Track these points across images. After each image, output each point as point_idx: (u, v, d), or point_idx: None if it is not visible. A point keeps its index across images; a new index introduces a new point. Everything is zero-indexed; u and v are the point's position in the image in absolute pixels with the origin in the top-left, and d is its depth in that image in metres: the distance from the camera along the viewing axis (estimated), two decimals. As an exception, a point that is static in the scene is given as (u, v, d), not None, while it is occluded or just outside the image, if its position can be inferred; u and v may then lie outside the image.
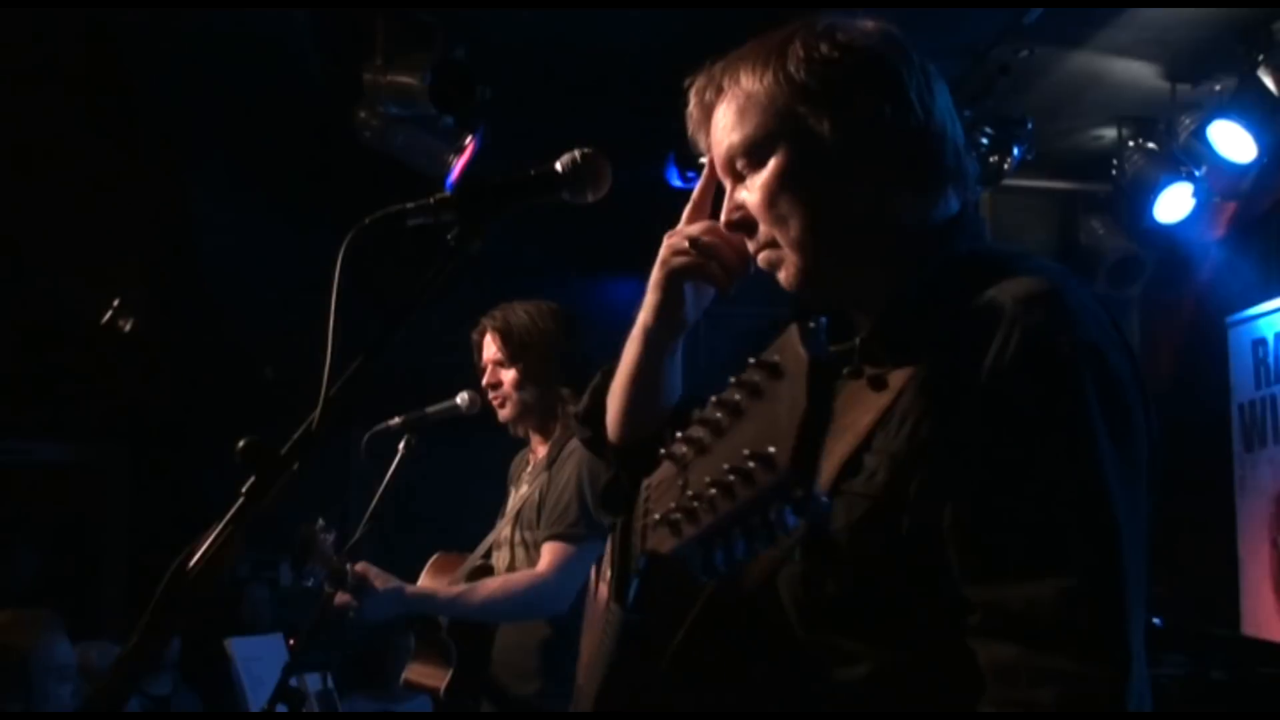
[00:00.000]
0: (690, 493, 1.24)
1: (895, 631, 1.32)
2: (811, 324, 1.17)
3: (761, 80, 1.41)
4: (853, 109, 1.39)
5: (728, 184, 1.48)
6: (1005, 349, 1.28)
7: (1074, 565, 1.23)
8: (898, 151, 1.40)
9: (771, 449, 1.13)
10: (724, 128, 1.44)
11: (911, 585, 1.31)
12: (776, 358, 1.17)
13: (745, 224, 1.46)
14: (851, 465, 1.32)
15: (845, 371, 1.41)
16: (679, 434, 1.28)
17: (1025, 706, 1.21)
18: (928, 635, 1.31)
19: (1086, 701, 1.20)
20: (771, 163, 1.41)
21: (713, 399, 1.24)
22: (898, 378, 1.33)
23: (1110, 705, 1.20)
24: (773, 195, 1.41)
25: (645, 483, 1.43)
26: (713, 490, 1.21)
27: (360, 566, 3.19)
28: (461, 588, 3.30)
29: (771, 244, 1.44)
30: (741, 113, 1.42)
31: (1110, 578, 1.23)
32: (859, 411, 1.34)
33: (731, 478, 1.18)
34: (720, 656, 1.41)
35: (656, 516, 1.30)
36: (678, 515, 1.26)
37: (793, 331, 1.15)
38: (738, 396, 1.20)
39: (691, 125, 1.50)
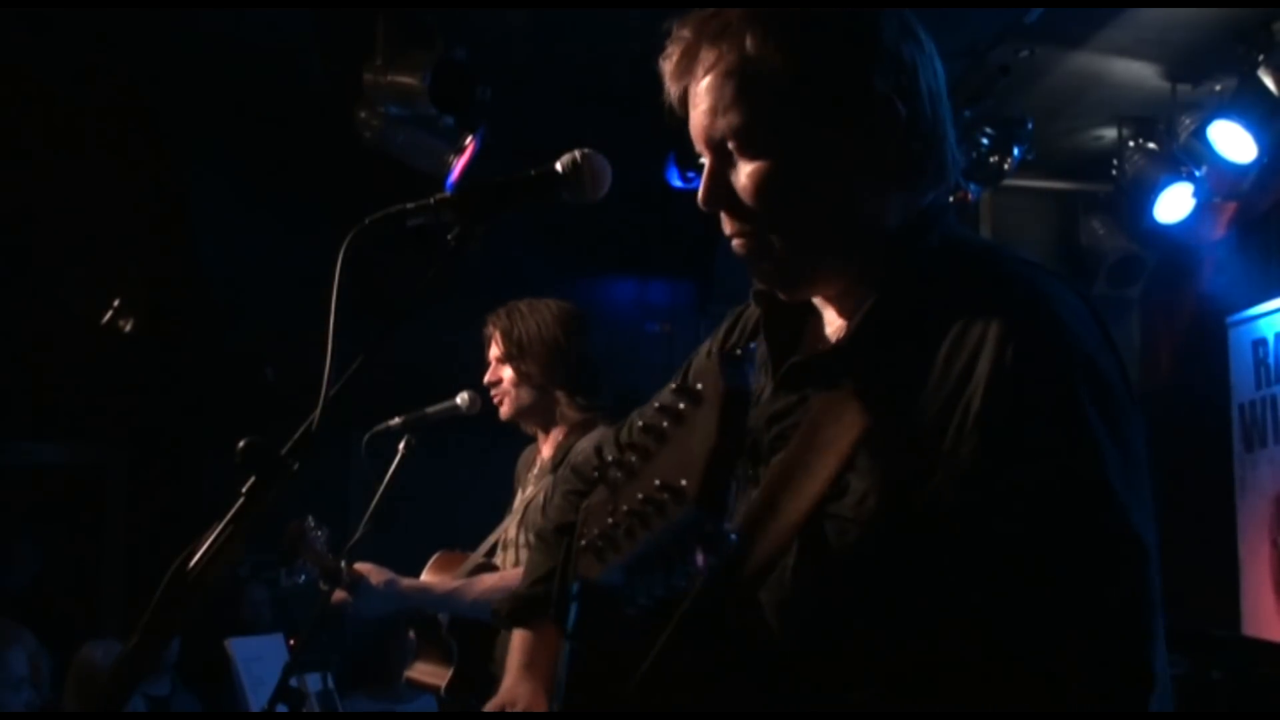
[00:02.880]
0: (612, 520, 1.24)
1: (891, 654, 1.29)
2: (739, 352, 1.17)
3: (761, 63, 1.35)
4: (851, 108, 1.36)
5: (707, 155, 1.42)
6: (1001, 369, 1.25)
7: (1099, 592, 1.21)
8: (895, 154, 1.37)
9: (683, 481, 1.12)
10: (718, 104, 1.37)
11: (908, 608, 1.28)
12: (699, 385, 1.16)
13: (727, 206, 1.41)
14: (836, 486, 1.29)
15: (822, 381, 1.38)
16: (611, 457, 1.27)
17: None
18: (925, 658, 1.27)
19: None
20: (766, 159, 1.37)
21: (640, 422, 1.24)
22: (886, 395, 1.30)
23: None
24: (764, 190, 1.37)
25: (584, 504, 1.39)
26: (631, 519, 1.21)
27: (358, 565, 3.19)
28: (458, 582, 3.29)
29: (750, 233, 1.41)
30: (738, 94, 1.36)
31: (1136, 600, 1.21)
32: (840, 429, 1.30)
33: (648, 508, 1.18)
34: (697, 679, 1.37)
35: (584, 542, 1.30)
36: (602, 542, 1.26)
37: (715, 358, 1.14)
38: (664, 422, 1.20)
39: (671, 70, 1.42)
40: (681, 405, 1.18)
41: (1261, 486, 5.35)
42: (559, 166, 1.49)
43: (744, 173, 1.39)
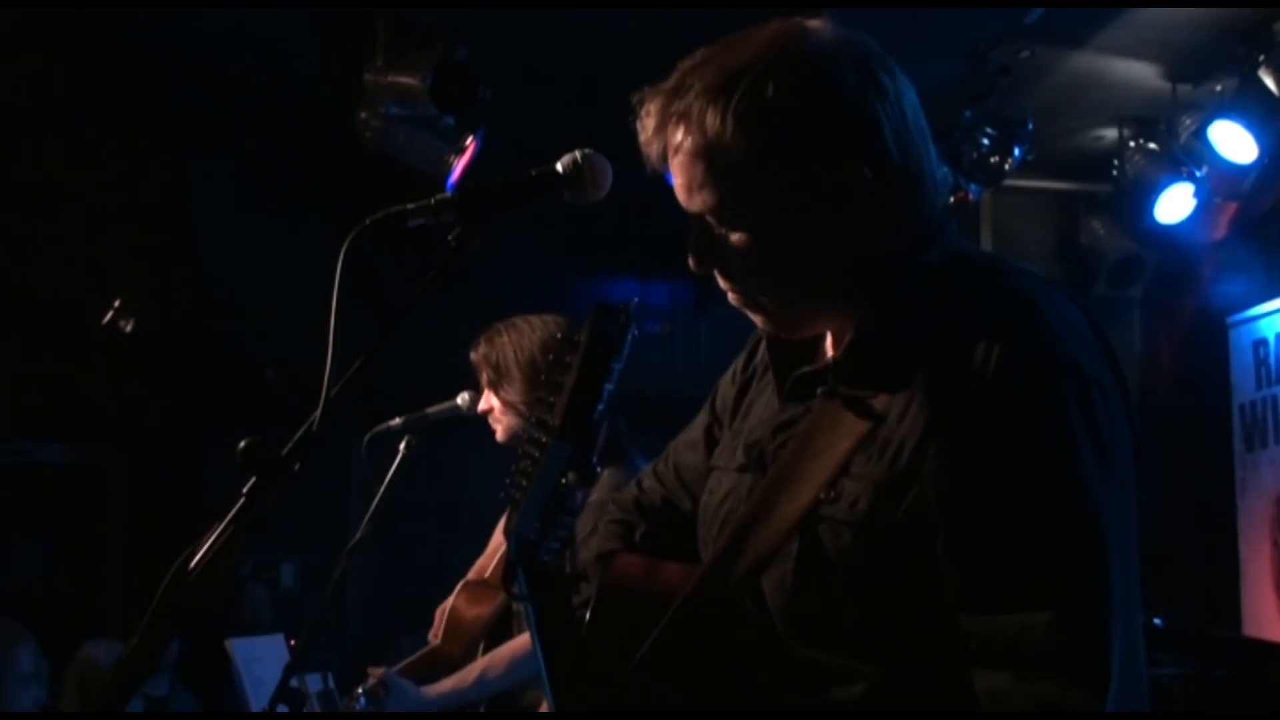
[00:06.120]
0: (517, 468, 1.42)
1: (889, 652, 1.32)
2: (620, 305, 1.35)
3: (723, 144, 1.34)
4: (826, 171, 1.35)
5: (691, 218, 1.43)
6: (984, 373, 1.27)
7: (1063, 592, 1.24)
8: (873, 205, 1.37)
9: (556, 421, 1.32)
10: (690, 184, 1.38)
11: (903, 609, 1.31)
12: (578, 335, 1.37)
13: (716, 268, 1.42)
14: (830, 490, 1.33)
15: (819, 391, 1.41)
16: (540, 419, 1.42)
17: None
18: (921, 656, 1.32)
19: None
20: (744, 231, 1.38)
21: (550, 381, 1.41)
22: (880, 403, 1.33)
23: None
24: (747, 260, 1.39)
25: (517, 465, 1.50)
26: (526, 462, 1.40)
27: (379, 675, 3.26)
28: (482, 664, 3.28)
29: (742, 291, 1.43)
30: (706, 175, 1.36)
31: (1097, 601, 1.24)
32: (836, 435, 1.35)
33: (534, 450, 1.38)
34: (699, 662, 1.41)
35: (506, 495, 1.45)
36: (517, 493, 1.42)
37: (591, 310, 1.34)
38: (559, 377, 1.38)
39: (645, 140, 1.42)
40: (568, 358, 1.37)
41: (1262, 486, 5.35)
42: (560, 166, 1.49)
43: (727, 241, 1.40)
